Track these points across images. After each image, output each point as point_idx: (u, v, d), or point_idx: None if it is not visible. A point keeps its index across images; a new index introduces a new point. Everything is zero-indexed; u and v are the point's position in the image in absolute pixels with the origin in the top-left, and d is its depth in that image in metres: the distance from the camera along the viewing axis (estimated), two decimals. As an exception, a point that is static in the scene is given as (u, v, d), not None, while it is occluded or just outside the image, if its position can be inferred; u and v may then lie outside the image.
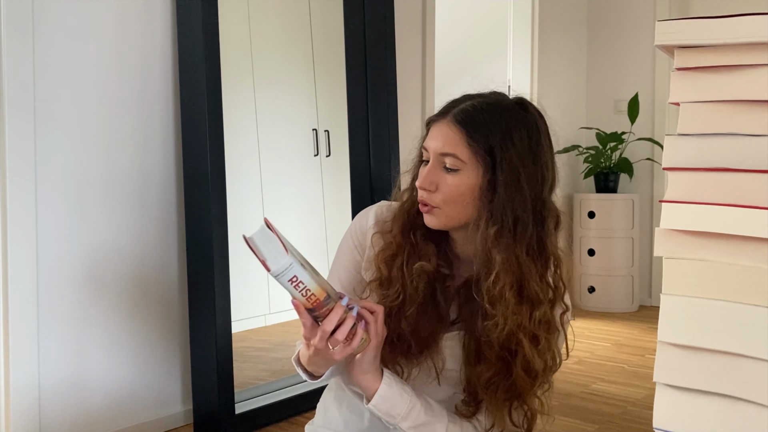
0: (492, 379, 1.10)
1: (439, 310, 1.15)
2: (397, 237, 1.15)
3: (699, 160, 0.81)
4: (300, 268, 0.96)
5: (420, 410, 1.11)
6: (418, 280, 1.12)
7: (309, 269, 0.99)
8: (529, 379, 1.10)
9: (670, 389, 0.82)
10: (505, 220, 1.06)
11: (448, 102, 1.14)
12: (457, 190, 1.08)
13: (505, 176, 1.06)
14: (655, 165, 4.29)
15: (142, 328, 2.21)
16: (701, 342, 0.80)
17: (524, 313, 1.07)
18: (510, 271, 1.06)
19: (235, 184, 2.30)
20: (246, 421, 2.21)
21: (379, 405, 1.09)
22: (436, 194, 1.09)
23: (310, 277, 0.97)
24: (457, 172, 1.08)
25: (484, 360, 1.11)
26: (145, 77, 2.20)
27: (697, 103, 0.82)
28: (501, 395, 1.11)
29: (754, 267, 0.77)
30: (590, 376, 2.86)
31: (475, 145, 1.07)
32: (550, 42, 4.22)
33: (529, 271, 1.07)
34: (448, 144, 1.08)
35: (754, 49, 0.78)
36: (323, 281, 1.01)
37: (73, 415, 2.05)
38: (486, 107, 1.10)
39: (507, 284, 1.06)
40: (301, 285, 0.96)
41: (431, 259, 1.14)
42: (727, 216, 0.79)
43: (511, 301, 1.06)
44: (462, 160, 1.07)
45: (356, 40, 2.72)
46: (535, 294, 1.08)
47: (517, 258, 1.07)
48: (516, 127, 1.09)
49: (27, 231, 1.92)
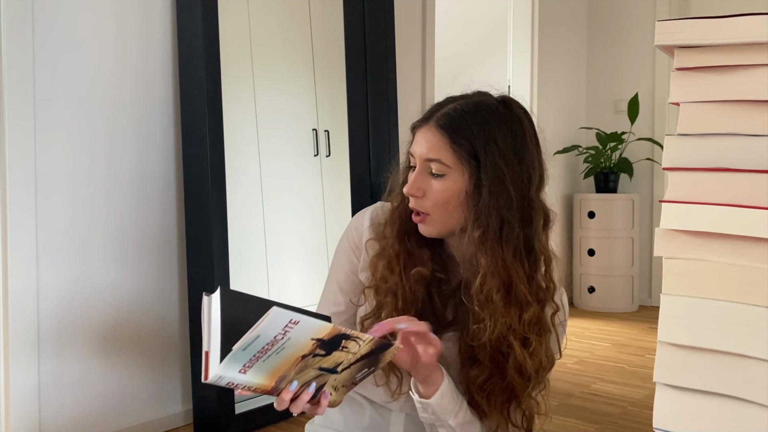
0: (487, 382, 1.10)
1: (436, 314, 1.15)
2: (393, 243, 1.15)
3: (699, 160, 0.81)
4: (232, 372, 0.88)
5: (467, 408, 1.11)
6: (416, 286, 1.12)
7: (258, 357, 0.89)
8: (522, 381, 1.09)
9: (670, 389, 0.82)
10: (491, 223, 1.06)
11: (432, 106, 1.14)
12: (444, 195, 1.08)
13: (490, 178, 1.05)
14: (655, 165, 4.29)
15: (142, 327, 2.21)
16: (701, 342, 0.80)
17: (513, 315, 1.07)
18: (496, 273, 1.06)
19: (235, 184, 2.30)
20: (246, 421, 2.21)
21: (440, 401, 1.07)
22: (424, 200, 1.09)
23: (252, 373, 0.90)
24: (443, 177, 1.08)
25: (477, 363, 1.10)
26: (145, 77, 2.20)
27: (697, 103, 0.82)
28: (497, 397, 1.11)
29: (754, 267, 0.77)
30: (590, 376, 2.86)
31: (458, 149, 1.07)
32: (550, 42, 4.22)
33: (517, 272, 1.07)
34: (432, 149, 1.08)
35: (754, 49, 0.78)
36: (274, 366, 0.90)
37: (73, 415, 2.05)
38: (468, 109, 1.09)
39: (494, 287, 1.06)
40: (240, 386, 0.92)
41: (427, 263, 1.14)
42: (727, 216, 0.79)
43: (499, 304, 1.06)
44: (447, 164, 1.07)
45: (356, 40, 2.72)
46: (523, 296, 1.07)
47: (504, 260, 1.06)
48: (499, 128, 1.08)
49: (27, 230, 1.92)
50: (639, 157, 4.26)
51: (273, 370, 0.91)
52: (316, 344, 0.89)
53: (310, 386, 0.96)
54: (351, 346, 0.92)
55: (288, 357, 0.89)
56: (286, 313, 0.83)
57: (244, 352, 0.86)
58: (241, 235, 2.36)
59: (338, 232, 2.43)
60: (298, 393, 0.96)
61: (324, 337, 0.89)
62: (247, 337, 0.85)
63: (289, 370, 0.92)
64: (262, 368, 0.90)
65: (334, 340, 0.90)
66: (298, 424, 2.26)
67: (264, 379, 0.91)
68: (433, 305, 1.15)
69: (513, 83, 4.17)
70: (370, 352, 0.96)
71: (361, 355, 0.95)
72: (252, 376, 0.90)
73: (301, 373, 0.94)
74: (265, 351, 0.87)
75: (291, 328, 0.85)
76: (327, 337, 0.89)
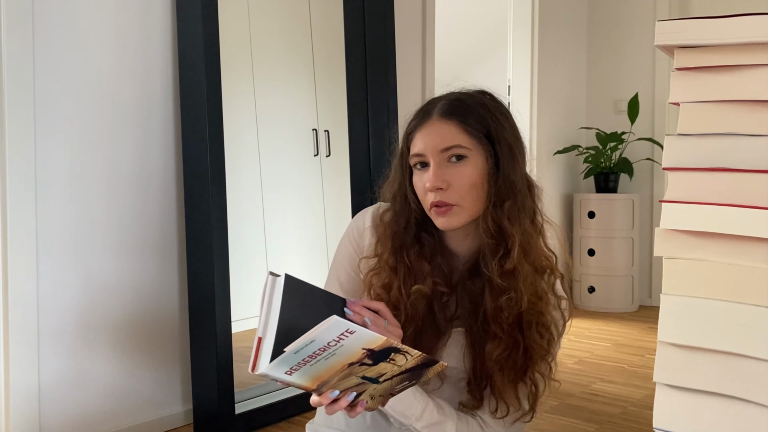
0: (503, 354, 1.11)
1: (438, 327, 1.16)
2: (389, 260, 1.15)
3: (699, 160, 0.81)
4: (279, 373, 0.89)
5: (432, 409, 1.12)
6: (417, 303, 1.13)
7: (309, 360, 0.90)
8: (542, 343, 1.12)
9: (670, 389, 0.82)
10: (512, 194, 1.10)
11: (421, 108, 1.16)
12: (471, 179, 1.09)
13: (505, 153, 1.10)
14: (655, 165, 4.29)
15: (142, 327, 2.21)
16: (701, 342, 0.80)
17: (537, 281, 1.12)
18: (521, 243, 1.10)
19: (235, 184, 2.30)
20: (246, 421, 2.21)
21: (395, 406, 1.09)
22: (450, 191, 1.09)
23: (298, 375, 0.91)
24: (465, 161, 1.09)
25: (492, 338, 1.12)
26: (145, 77, 2.20)
27: (697, 103, 0.82)
28: (509, 372, 1.12)
29: (754, 267, 0.77)
30: (590, 376, 2.86)
31: (472, 129, 1.10)
32: (550, 42, 4.22)
33: (535, 240, 1.12)
34: (448, 137, 1.09)
35: (754, 49, 0.78)
36: (320, 371, 0.91)
37: (73, 415, 2.05)
38: (463, 97, 1.13)
39: (521, 255, 1.10)
40: (287, 383, 0.93)
41: (427, 279, 1.14)
42: (727, 216, 0.79)
43: (528, 272, 1.10)
44: (467, 147, 1.09)
45: (356, 40, 2.72)
46: (539, 261, 1.13)
47: (525, 229, 1.11)
48: (495, 108, 1.13)
49: (27, 230, 1.92)
50: (639, 157, 4.26)
51: (318, 375, 0.92)
52: (366, 353, 0.90)
53: (350, 395, 0.97)
54: (398, 359, 0.93)
55: (336, 363, 0.90)
56: (344, 323, 0.84)
57: (296, 355, 0.87)
58: (241, 235, 2.36)
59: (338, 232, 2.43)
60: (337, 397, 0.97)
61: (375, 348, 0.89)
62: (302, 341, 0.85)
63: (333, 376, 0.92)
64: (308, 372, 0.90)
65: (384, 352, 0.91)
66: (298, 424, 2.26)
67: (308, 381, 0.93)
68: (433, 317, 1.16)
69: (513, 83, 4.17)
70: (415, 366, 0.97)
71: (407, 368, 0.96)
72: (297, 378, 0.91)
73: (344, 381, 0.94)
74: (315, 356, 0.88)
75: (346, 337, 0.86)
76: (378, 348, 0.90)
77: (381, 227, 1.19)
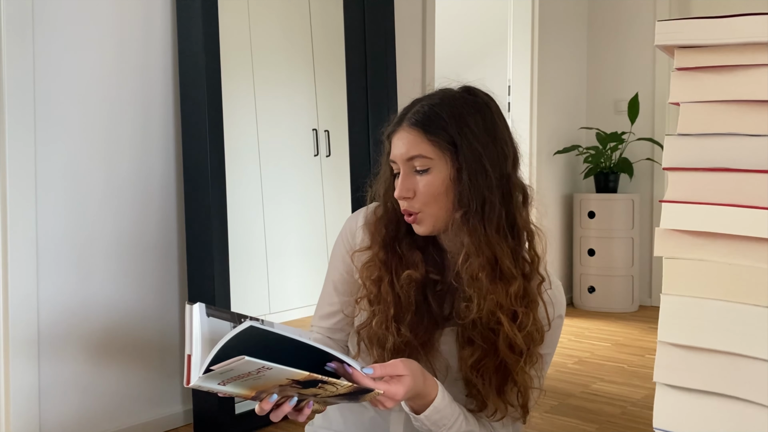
0: (480, 361, 1.11)
1: (433, 314, 1.16)
2: (380, 254, 1.16)
3: (699, 160, 0.81)
4: (212, 384, 0.88)
5: (463, 420, 1.12)
6: (408, 289, 1.14)
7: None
8: (514, 356, 1.11)
9: (670, 389, 0.82)
10: (472, 203, 1.08)
11: (401, 112, 1.17)
12: (432, 188, 1.10)
13: (468, 160, 1.08)
14: (655, 165, 4.29)
15: (142, 327, 2.21)
16: (701, 342, 0.80)
17: (500, 291, 1.09)
18: (480, 251, 1.08)
19: (235, 184, 2.30)
20: (246, 421, 2.21)
21: (431, 416, 1.08)
22: (415, 200, 1.11)
23: (232, 387, 0.89)
24: (428, 171, 1.10)
25: (470, 343, 1.12)
26: (145, 77, 2.20)
27: (697, 103, 0.82)
28: (491, 377, 1.11)
29: (754, 267, 0.77)
30: (590, 376, 2.86)
31: (435, 139, 1.09)
32: (550, 42, 4.22)
33: (501, 248, 1.09)
34: (412, 147, 1.10)
35: (754, 49, 0.78)
36: (254, 384, 0.90)
37: (72, 416, 2.05)
38: (435, 103, 1.12)
39: (478, 265, 1.08)
40: (224, 393, 0.91)
41: (419, 266, 1.15)
42: (727, 216, 0.79)
43: (485, 281, 1.08)
44: (429, 157, 1.09)
45: (356, 40, 2.72)
46: (508, 270, 1.09)
47: (487, 237, 1.08)
48: (468, 112, 1.11)
49: (27, 231, 1.92)
50: (639, 157, 4.26)
51: (254, 386, 0.91)
52: (291, 382, 0.89)
53: (292, 400, 0.95)
54: (328, 388, 0.92)
55: (267, 382, 0.90)
56: (256, 362, 0.83)
57: (222, 375, 0.86)
58: (241, 236, 2.36)
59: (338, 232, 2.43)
60: (279, 402, 0.96)
61: (300, 379, 0.89)
62: (224, 366, 0.84)
63: (270, 388, 0.92)
64: (242, 384, 0.90)
65: (311, 382, 0.90)
66: (298, 424, 2.26)
67: (245, 390, 0.92)
68: (428, 307, 1.16)
69: (513, 83, 4.17)
70: (349, 393, 0.96)
71: (340, 394, 0.95)
72: (232, 388, 0.91)
73: (282, 389, 0.93)
74: (242, 377, 0.87)
75: (264, 372, 0.85)
76: (302, 380, 0.89)
77: (373, 223, 1.20)
